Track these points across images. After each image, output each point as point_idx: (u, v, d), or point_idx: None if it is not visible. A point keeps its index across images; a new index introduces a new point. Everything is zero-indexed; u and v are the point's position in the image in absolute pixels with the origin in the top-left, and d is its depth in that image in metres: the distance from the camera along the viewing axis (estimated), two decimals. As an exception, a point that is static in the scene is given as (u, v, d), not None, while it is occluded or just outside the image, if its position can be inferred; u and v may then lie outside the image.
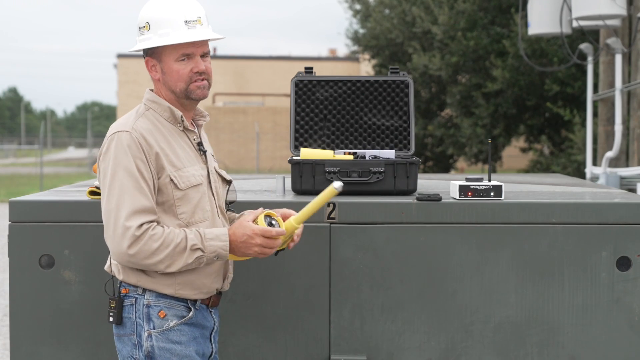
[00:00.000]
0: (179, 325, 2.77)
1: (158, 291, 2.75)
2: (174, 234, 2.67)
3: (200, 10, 2.83)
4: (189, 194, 2.76)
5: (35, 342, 3.31)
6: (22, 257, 3.30)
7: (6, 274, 9.15)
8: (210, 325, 2.87)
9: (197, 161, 2.84)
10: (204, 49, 2.81)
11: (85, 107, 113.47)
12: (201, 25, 2.79)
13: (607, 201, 3.34)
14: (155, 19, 2.79)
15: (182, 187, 2.74)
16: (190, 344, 2.79)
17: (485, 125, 17.13)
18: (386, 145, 3.89)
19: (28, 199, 3.37)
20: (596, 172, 9.12)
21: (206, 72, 2.82)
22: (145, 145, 2.71)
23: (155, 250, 2.64)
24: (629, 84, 8.92)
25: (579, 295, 3.30)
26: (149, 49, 2.81)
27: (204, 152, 2.89)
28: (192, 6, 2.81)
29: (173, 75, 2.79)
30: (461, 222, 3.30)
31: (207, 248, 2.68)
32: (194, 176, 2.79)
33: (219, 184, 2.93)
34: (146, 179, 2.69)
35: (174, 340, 2.76)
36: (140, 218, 2.65)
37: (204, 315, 2.84)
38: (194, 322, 2.81)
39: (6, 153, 50.86)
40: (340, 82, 3.94)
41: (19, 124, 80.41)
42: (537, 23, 9.47)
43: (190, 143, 2.85)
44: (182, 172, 2.76)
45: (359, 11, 21.58)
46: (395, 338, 3.32)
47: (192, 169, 2.80)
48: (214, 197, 2.86)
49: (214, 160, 2.97)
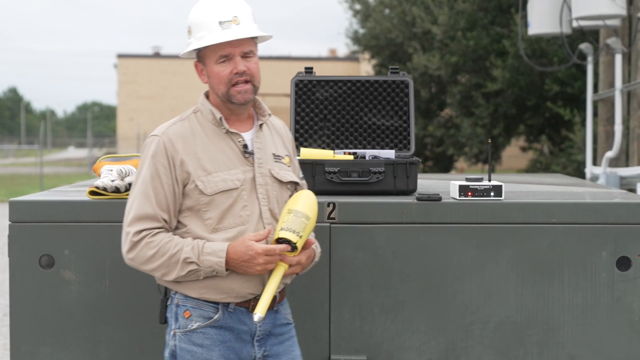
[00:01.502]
0: (204, 328, 2.74)
1: (184, 293, 2.76)
2: (172, 244, 2.68)
3: (237, 9, 2.76)
4: (217, 200, 2.73)
5: (35, 342, 3.31)
6: (22, 257, 3.30)
7: (6, 274, 9.15)
8: (250, 329, 2.78)
9: (239, 164, 2.78)
10: (243, 48, 2.75)
11: (85, 107, 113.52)
12: (237, 25, 2.73)
13: (607, 201, 3.35)
14: (194, 23, 2.79)
15: (209, 193, 2.72)
16: (214, 348, 2.74)
17: (485, 125, 17.13)
18: (386, 145, 3.89)
19: (28, 199, 3.37)
20: (596, 172, 9.11)
21: (248, 72, 2.75)
22: (171, 151, 2.73)
23: (150, 257, 2.69)
24: (629, 83, 8.91)
25: (579, 295, 3.30)
26: (197, 53, 2.81)
27: (250, 154, 2.80)
28: (228, 6, 2.75)
29: (214, 78, 2.77)
30: (461, 222, 3.30)
31: (203, 262, 2.66)
32: (225, 181, 2.73)
33: (274, 187, 2.82)
34: (163, 185, 2.72)
35: (196, 342, 2.74)
36: (140, 225, 2.70)
37: (240, 318, 2.76)
38: (223, 324, 2.75)
39: (6, 153, 50.88)
40: (340, 82, 3.94)
41: (19, 124, 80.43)
42: (537, 23, 9.47)
43: (235, 146, 2.80)
44: (211, 177, 2.73)
45: (359, 11, 21.60)
46: (395, 338, 3.32)
47: (227, 174, 2.75)
48: (258, 201, 2.78)
49: (274, 161, 2.85)
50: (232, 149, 2.79)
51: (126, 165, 3.44)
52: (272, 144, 2.88)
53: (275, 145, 2.89)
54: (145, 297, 3.29)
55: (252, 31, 2.77)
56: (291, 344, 2.90)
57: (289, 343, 2.89)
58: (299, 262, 2.74)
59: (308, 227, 2.70)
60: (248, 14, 2.79)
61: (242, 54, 2.75)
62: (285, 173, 2.86)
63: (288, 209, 2.72)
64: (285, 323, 2.88)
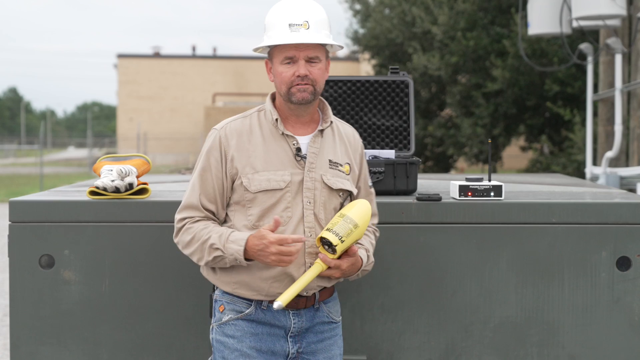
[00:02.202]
0: (235, 320, 2.83)
1: (220, 287, 2.87)
2: (205, 231, 2.79)
3: (310, 14, 2.79)
4: (259, 198, 2.79)
5: (35, 342, 3.31)
6: (22, 257, 3.30)
7: (6, 274, 9.15)
8: (285, 325, 2.83)
9: (290, 167, 2.81)
10: (308, 53, 2.78)
11: (85, 107, 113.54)
12: (306, 30, 2.77)
13: (607, 201, 3.35)
14: (268, 22, 2.86)
15: (252, 190, 2.80)
16: (244, 339, 2.81)
17: (485, 125, 17.12)
18: (386, 145, 3.89)
19: (28, 199, 3.37)
20: (596, 172, 9.11)
21: (310, 77, 2.79)
22: (225, 145, 2.84)
23: (188, 242, 2.83)
24: (629, 84, 8.91)
25: (579, 295, 3.30)
26: (268, 52, 2.88)
27: (303, 157, 2.82)
28: (301, 10, 2.80)
29: (277, 77, 2.82)
30: (461, 222, 3.30)
31: (227, 250, 2.74)
32: (270, 181, 2.78)
33: (323, 192, 2.83)
34: (213, 177, 2.84)
35: (228, 334, 2.84)
36: (185, 212, 2.85)
37: (274, 315, 2.82)
38: (255, 318, 2.82)
39: (6, 153, 50.86)
40: (340, 82, 3.94)
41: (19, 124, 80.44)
42: (537, 23, 9.47)
43: (289, 148, 2.83)
44: (258, 175, 2.80)
45: (359, 11, 21.59)
46: (395, 338, 3.32)
47: (273, 174, 2.79)
48: (302, 204, 2.81)
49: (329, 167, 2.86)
50: (285, 151, 2.83)
51: (126, 165, 3.44)
52: (331, 150, 2.89)
53: (335, 152, 2.90)
54: (146, 297, 3.30)
55: (319, 38, 2.79)
56: (331, 343, 2.92)
57: (330, 342, 2.92)
58: (338, 267, 2.75)
59: (354, 234, 2.72)
60: (320, 21, 2.81)
61: (306, 58, 2.79)
62: (338, 180, 2.86)
63: (340, 214, 2.76)
64: (327, 322, 2.91)
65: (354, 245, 2.78)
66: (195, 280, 3.21)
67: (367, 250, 2.91)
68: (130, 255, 3.31)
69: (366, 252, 2.90)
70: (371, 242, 2.97)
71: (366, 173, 3.02)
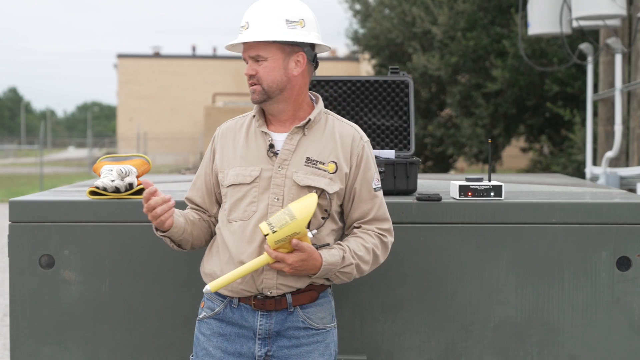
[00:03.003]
0: (208, 319, 2.89)
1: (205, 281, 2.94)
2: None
3: (253, 14, 2.81)
4: (230, 192, 2.86)
5: (35, 342, 3.31)
6: (22, 257, 3.30)
7: (6, 274, 9.15)
8: (252, 326, 2.81)
9: (263, 163, 2.83)
10: (250, 52, 2.81)
11: (85, 107, 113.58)
12: (246, 30, 2.81)
13: (607, 201, 3.34)
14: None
15: (225, 185, 2.88)
16: (212, 339, 2.85)
17: (485, 125, 17.12)
18: (386, 145, 3.89)
19: (28, 199, 3.37)
20: (596, 172, 9.11)
21: (256, 76, 2.81)
22: (216, 142, 2.97)
23: None
24: (629, 84, 8.91)
25: (579, 295, 3.30)
26: None
27: (274, 153, 2.82)
28: (250, 10, 2.84)
29: None
30: (461, 222, 3.30)
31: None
32: (239, 175, 2.84)
33: (292, 189, 2.80)
34: (203, 173, 2.98)
35: (202, 331, 2.91)
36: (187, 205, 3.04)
37: (242, 315, 2.82)
38: (224, 317, 2.85)
39: (6, 153, 50.86)
40: (340, 82, 3.94)
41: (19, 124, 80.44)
42: (537, 23, 9.47)
43: (264, 145, 2.86)
44: (232, 170, 2.87)
45: (359, 11, 21.59)
46: (395, 338, 3.32)
47: (245, 169, 2.84)
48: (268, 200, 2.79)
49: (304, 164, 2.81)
50: (261, 148, 2.87)
51: (126, 165, 3.44)
52: (313, 148, 2.84)
53: (318, 150, 2.84)
54: (145, 297, 3.30)
55: (254, 36, 2.78)
56: (310, 350, 2.84)
57: (307, 349, 2.84)
58: (283, 260, 2.68)
59: (289, 226, 2.64)
60: (268, 18, 2.79)
61: (251, 58, 2.82)
62: (310, 177, 2.80)
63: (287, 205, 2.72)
64: (304, 327, 2.83)
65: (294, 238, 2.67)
66: (195, 280, 3.21)
67: (344, 251, 2.79)
68: (130, 255, 3.31)
69: (342, 252, 2.78)
70: (364, 244, 2.83)
71: (368, 175, 2.88)
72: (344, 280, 2.84)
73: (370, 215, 2.88)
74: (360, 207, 2.87)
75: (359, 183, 2.88)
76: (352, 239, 2.85)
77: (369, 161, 2.90)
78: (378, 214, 2.89)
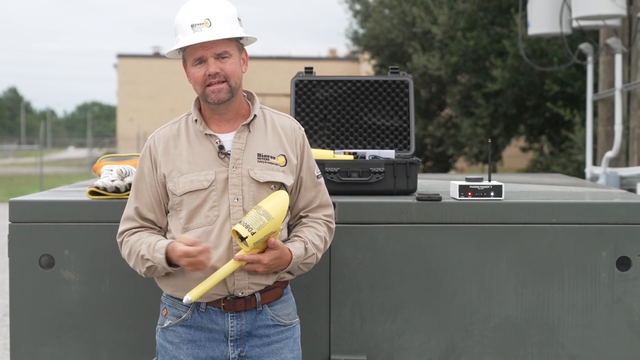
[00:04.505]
0: (174, 326, 2.83)
1: (162, 289, 2.89)
2: (139, 243, 2.81)
3: (211, 11, 2.76)
4: (185, 200, 2.79)
5: (35, 342, 3.31)
6: (22, 257, 3.30)
7: (6, 274, 9.15)
8: (222, 329, 2.80)
9: (215, 165, 2.79)
10: (216, 50, 2.75)
11: (85, 107, 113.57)
12: (208, 27, 2.74)
13: (607, 201, 3.35)
14: (175, 26, 2.85)
15: (178, 193, 2.80)
16: (182, 346, 2.81)
17: (485, 125, 17.13)
18: (386, 145, 3.89)
19: (28, 199, 3.37)
20: (596, 172, 9.11)
21: (222, 74, 2.76)
22: (154, 153, 2.86)
23: (127, 255, 2.86)
24: (629, 84, 8.91)
25: (579, 295, 3.30)
26: (182, 56, 2.85)
27: (226, 154, 2.80)
28: (202, 9, 2.76)
29: (192, 79, 2.81)
30: (461, 222, 3.30)
31: (155, 259, 2.75)
32: (193, 182, 2.77)
33: (251, 187, 2.79)
34: (147, 185, 2.86)
35: (168, 339, 2.85)
36: (123, 225, 2.90)
37: (212, 318, 2.80)
38: (192, 324, 2.81)
39: (6, 153, 50.85)
40: (340, 82, 3.94)
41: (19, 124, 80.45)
42: (537, 23, 9.46)
43: (212, 147, 2.81)
44: (183, 177, 2.79)
45: (359, 11, 21.59)
46: (395, 338, 3.32)
47: (198, 175, 2.78)
48: (229, 202, 2.77)
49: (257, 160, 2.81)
50: (209, 151, 2.81)
51: (126, 165, 3.44)
52: (261, 144, 2.84)
53: (266, 144, 2.84)
54: (145, 297, 3.30)
55: (223, 33, 2.75)
56: (280, 347, 2.85)
57: (278, 346, 2.85)
58: (259, 261, 2.69)
59: (267, 225, 2.65)
60: (224, 16, 2.78)
61: (215, 56, 2.76)
62: (267, 173, 2.81)
63: (256, 206, 2.71)
64: (273, 325, 2.85)
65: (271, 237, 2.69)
66: (195, 280, 3.21)
67: (305, 242, 2.82)
68: (130, 255, 3.31)
69: (304, 244, 2.81)
70: (317, 233, 2.87)
71: (310, 164, 2.93)
72: (304, 271, 2.87)
73: (316, 203, 2.92)
74: (305, 196, 2.91)
75: (304, 172, 2.92)
76: (305, 229, 2.88)
77: (309, 150, 2.95)
78: (322, 200, 2.94)
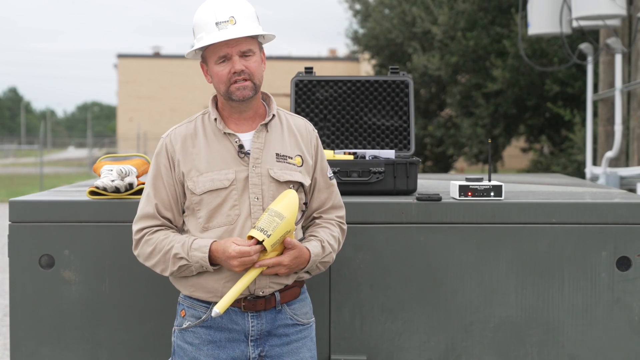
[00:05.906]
0: (194, 327, 2.82)
1: (180, 290, 2.87)
2: (167, 241, 2.78)
3: (235, 9, 2.76)
4: (205, 199, 2.78)
5: (35, 342, 3.31)
6: (22, 257, 3.30)
7: (6, 274, 9.15)
8: (243, 329, 2.80)
9: (234, 165, 2.79)
10: (241, 47, 2.75)
11: (85, 107, 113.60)
12: (233, 25, 2.74)
13: (607, 201, 3.35)
14: (195, 24, 2.83)
15: (198, 192, 2.79)
16: (202, 347, 2.80)
17: (485, 125, 17.14)
18: (386, 145, 3.89)
19: (28, 199, 3.37)
20: (596, 172, 9.11)
21: (247, 71, 2.76)
22: (171, 152, 2.83)
23: (149, 254, 2.81)
24: (629, 84, 8.91)
25: (579, 295, 3.30)
26: (201, 54, 2.85)
27: (246, 154, 2.80)
28: (225, 7, 2.76)
29: (215, 78, 2.80)
30: (461, 222, 3.30)
31: (191, 258, 2.73)
32: (214, 181, 2.77)
33: (271, 187, 2.80)
34: (165, 184, 2.83)
35: (188, 340, 2.83)
36: (142, 223, 2.83)
37: (232, 318, 2.79)
38: (212, 324, 2.80)
39: (6, 153, 50.84)
40: (340, 82, 3.95)
41: (19, 124, 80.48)
42: (537, 23, 9.47)
43: (231, 146, 2.81)
44: (202, 177, 2.78)
45: (359, 11, 21.60)
46: (395, 338, 3.32)
47: (218, 174, 2.78)
48: (249, 201, 2.78)
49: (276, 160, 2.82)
50: (228, 150, 2.81)
51: (126, 165, 3.44)
52: (278, 144, 2.86)
53: (283, 144, 2.86)
54: (145, 297, 3.30)
55: (249, 30, 2.77)
56: (299, 346, 2.87)
57: (297, 345, 2.87)
58: (280, 263, 2.71)
59: (281, 226, 2.66)
60: (247, 14, 2.79)
61: (240, 54, 2.77)
62: (286, 172, 2.82)
63: (266, 208, 2.72)
64: (292, 324, 2.86)
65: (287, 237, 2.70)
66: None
67: (321, 241, 2.84)
68: (130, 255, 3.30)
69: (320, 242, 2.83)
70: (332, 234, 2.89)
71: (324, 165, 2.95)
72: (322, 270, 2.89)
73: (329, 204, 2.93)
74: (319, 197, 2.93)
75: (318, 173, 2.94)
76: (319, 230, 2.89)
77: (322, 151, 2.97)
78: (335, 201, 2.96)
